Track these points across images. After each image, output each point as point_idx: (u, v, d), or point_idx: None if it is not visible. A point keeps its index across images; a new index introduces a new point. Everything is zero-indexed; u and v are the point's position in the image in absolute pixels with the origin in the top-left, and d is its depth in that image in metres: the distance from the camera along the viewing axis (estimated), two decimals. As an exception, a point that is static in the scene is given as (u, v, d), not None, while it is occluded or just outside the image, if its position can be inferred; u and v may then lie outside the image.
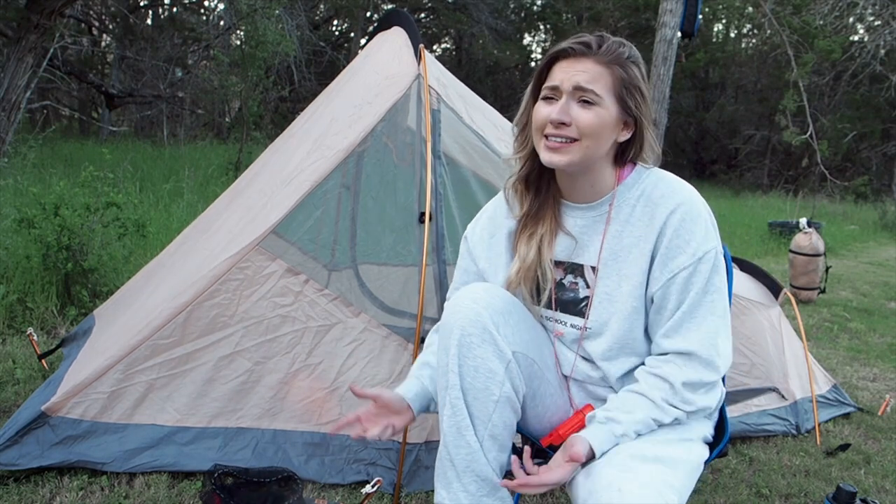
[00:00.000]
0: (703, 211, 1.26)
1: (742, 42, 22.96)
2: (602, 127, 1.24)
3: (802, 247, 5.33)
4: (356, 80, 2.39)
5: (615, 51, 1.24)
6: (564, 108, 1.23)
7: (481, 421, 1.26)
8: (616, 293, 1.30)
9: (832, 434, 2.67)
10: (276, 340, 2.00)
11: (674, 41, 6.47)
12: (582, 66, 1.23)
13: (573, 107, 1.23)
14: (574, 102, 1.23)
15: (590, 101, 1.23)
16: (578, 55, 1.24)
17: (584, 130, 1.23)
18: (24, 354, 2.72)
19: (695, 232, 1.23)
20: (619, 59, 1.24)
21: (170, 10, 15.13)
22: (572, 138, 1.23)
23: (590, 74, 1.23)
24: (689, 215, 1.24)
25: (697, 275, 1.22)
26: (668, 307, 1.25)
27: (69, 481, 1.85)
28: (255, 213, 2.13)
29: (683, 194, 1.26)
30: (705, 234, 1.24)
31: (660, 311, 1.27)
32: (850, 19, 13.71)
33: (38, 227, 3.23)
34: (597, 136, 1.24)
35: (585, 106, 1.23)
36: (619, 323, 1.30)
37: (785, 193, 14.85)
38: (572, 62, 1.24)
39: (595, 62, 1.23)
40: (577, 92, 1.23)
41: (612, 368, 1.33)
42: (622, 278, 1.29)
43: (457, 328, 1.26)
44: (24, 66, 5.68)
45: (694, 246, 1.23)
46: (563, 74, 1.24)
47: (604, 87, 1.23)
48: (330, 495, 1.91)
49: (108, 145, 9.50)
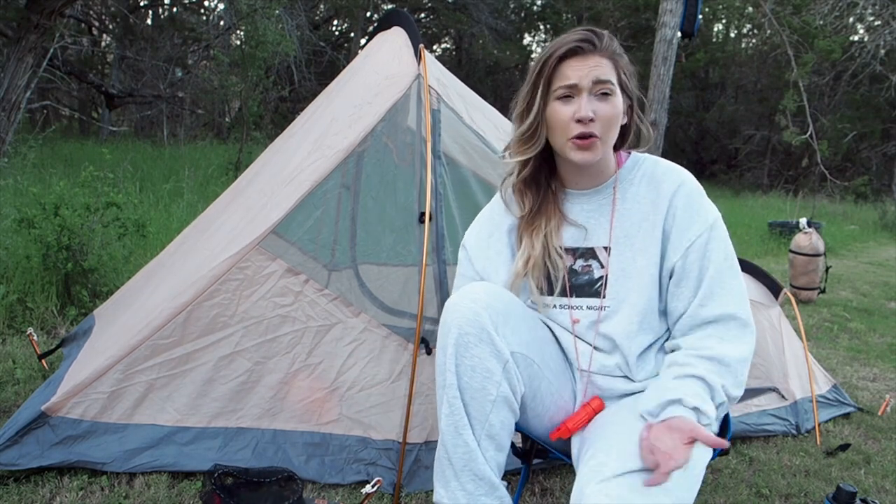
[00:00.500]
0: (700, 187, 1.35)
1: (742, 42, 22.96)
2: (618, 116, 1.31)
3: (802, 247, 5.33)
4: (356, 80, 2.39)
5: (612, 44, 1.31)
6: (589, 104, 1.28)
7: (478, 421, 1.27)
8: (631, 268, 1.34)
9: (832, 434, 2.67)
10: (276, 340, 2.00)
11: (674, 41, 6.47)
12: (594, 62, 1.28)
13: (594, 101, 1.28)
14: (593, 97, 1.28)
15: (607, 93, 1.29)
16: (586, 52, 1.29)
17: (606, 123, 1.29)
18: (24, 354, 2.72)
19: (702, 203, 1.33)
20: (616, 51, 1.31)
21: (170, 10, 15.13)
22: (598, 135, 1.29)
23: (603, 68, 1.28)
24: (694, 190, 1.33)
25: (714, 241, 1.30)
26: (691, 276, 1.30)
27: (69, 481, 1.85)
28: (255, 213, 2.13)
29: (683, 173, 1.36)
30: (709, 205, 1.34)
31: (681, 283, 1.31)
32: (850, 19, 13.70)
33: (38, 227, 3.23)
34: (615, 125, 1.32)
35: (604, 98, 1.29)
36: (638, 296, 1.33)
37: (785, 193, 14.85)
38: (583, 59, 1.28)
39: (602, 56, 1.29)
40: (598, 86, 1.28)
41: (633, 346, 1.34)
42: (636, 253, 1.34)
43: (454, 327, 1.26)
44: (24, 66, 5.68)
45: (704, 215, 1.31)
46: (579, 72, 1.28)
47: (614, 78, 1.30)
48: (330, 495, 1.91)
49: (108, 145, 9.50)
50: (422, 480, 1.96)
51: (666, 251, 1.33)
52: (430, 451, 1.98)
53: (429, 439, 2.00)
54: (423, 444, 1.99)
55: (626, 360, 1.35)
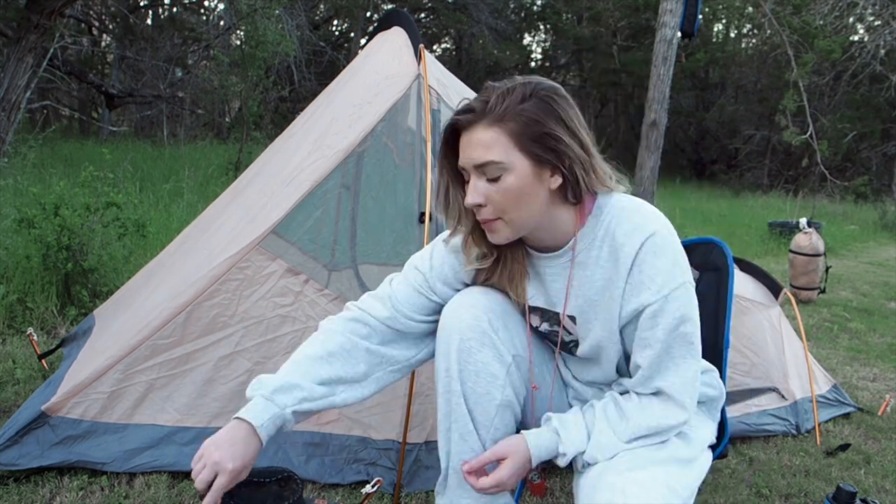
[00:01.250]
0: (670, 242, 1.15)
1: (742, 42, 22.96)
2: (520, 193, 1.13)
3: (802, 247, 5.33)
4: (356, 80, 2.39)
5: (502, 104, 1.10)
6: (475, 190, 1.14)
7: (483, 426, 1.26)
8: (600, 337, 1.24)
9: (832, 434, 2.67)
10: (276, 340, 2.00)
11: (674, 41, 6.46)
12: (475, 138, 1.12)
13: (481, 185, 1.14)
14: (481, 180, 1.14)
15: (495, 174, 1.12)
16: (468, 125, 1.14)
17: (499, 206, 1.14)
18: (24, 354, 2.72)
19: (659, 268, 1.13)
20: (507, 111, 1.10)
21: (170, 10, 15.13)
22: (495, 217, 1.15)
23: (482, 145, 1.11)
24: (654, 250, 1.13)
25: (664, 314, 1.14)
26: (639, 345, 1.19)
27: (69, 481, 1.85)
28: (255, 213, 2.14)
29: (648, 227, 1.15)
30: (672, 268, 1.14)
31: (632, 347, 1.22)
32: (850, 19, 13.71)
33: (38, 227, 3.23)
34: (517, 204, 1.13)
35: (492, 180, 1.13)
36: (607, 360, 1.27)
37: (785, 193, 14.85)
38: (466, 136, 1.14)
39: (485, 126, 1.11)
40: (479, 169, 1.13)
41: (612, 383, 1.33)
42: (603, 322, 1.22)
43: (455, 332, 1.24)
44: (24, 66, 5.68)
45: (660, 282, 1.13)
46: (462, 153, 1.15)
47: (502, 150, 1.11)
48: (330, 495, 1.91)
49: (108, 145, 9.49)
50: (422, 480, 1.96)
51: (620, 316, 1.20)
52: (430, 451, 1.98)
53: (429, 439, 1.99)
54: (423, 444, 1.99)
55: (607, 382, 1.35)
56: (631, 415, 1.19)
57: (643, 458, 1.15)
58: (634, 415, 1.19)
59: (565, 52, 22.15)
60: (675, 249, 1.16)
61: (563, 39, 21.86)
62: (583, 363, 1.33)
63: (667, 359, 1.17)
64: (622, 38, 20.12)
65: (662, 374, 1.18)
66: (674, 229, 1.19)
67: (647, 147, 6.58)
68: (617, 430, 1.18)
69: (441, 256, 1.33)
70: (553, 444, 1.19)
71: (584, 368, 1.34)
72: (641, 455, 1.15)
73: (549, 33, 23.69)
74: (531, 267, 1.28)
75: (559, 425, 1.21)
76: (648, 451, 1.17)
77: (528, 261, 1.28)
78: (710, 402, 1.37)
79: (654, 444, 1.18)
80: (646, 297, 1.14)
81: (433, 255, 1.34)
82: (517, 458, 1.18)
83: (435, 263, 1.33)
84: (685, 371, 1.17)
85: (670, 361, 1.17)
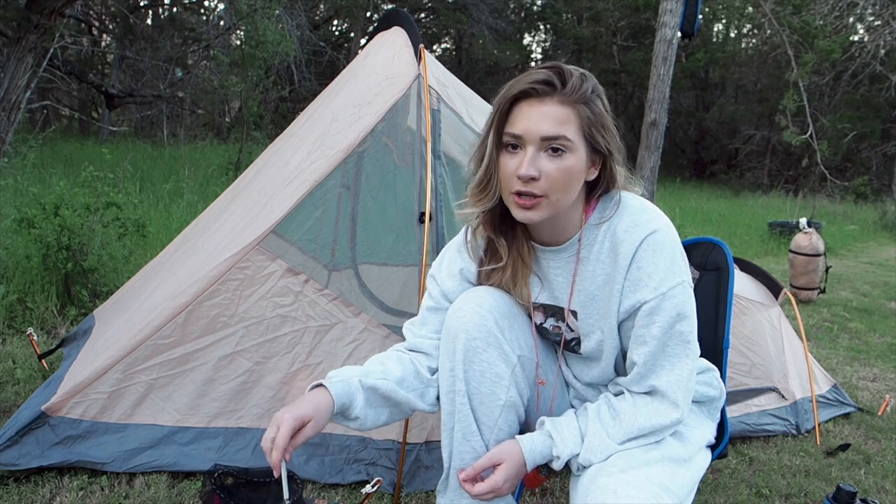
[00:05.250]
0: (670, 241, 1.16)
1: (742, 42, 22.98)
2: (574, 176, 1.14)
3: (802, 247, 5.33)
4: (356, 80, 2.39)
5: (580, 88, 1.12)
6: (533, 161, 1.12)
7: (487, 426, 1.25)
8: (600, 333, 1.25)
9: (832, 434, 2.67)
10: (276, 340, 2.00)
11: (674, 41, 6.46)
12: (548, 110, 1.11)
13: (541, 158, 1.12)
14: (542, 153, 1.12)
15: (560, 149, 1.11)
16: (542, 96, 1.12)
17: (554, 184, 1.12)
18: (24, 354, 2.72)
19: (658, 265, 1.14)
20: (584, 96, 1.12)
21: (170, 10, 15.13)
22: (542, 194, 1.13)
23: (556, 118, 1.11)
24: (653, 248, 1.15)
25: (661, 311, 1.15)
26: (635, 342, 1.19)
27: (69, 481, 1.85)
28: (256, 213, 2.14)
29: (649, 226, 1.16)
30: (670, 266, 1.15)
31: (628, 344, 1.22)
32: (850, 19, 13.71)
33: (38, 227, 3.23)
34: (567, 187, 1.14)
35: (555, 155, 1.12)
36: (608, 357, 1.27)
37: (785, 193, 14.87)
38: (535, 105, 1.12)
39: (560, 103, 1.11)
40: (546, 142, 1.11)
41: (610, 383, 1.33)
42: (603, 318, 1.23)
43: (461, 332, 1.24)
44: (24, 66, 5.68)
45: (657, 280, 1.14)
46: (527, 122, 1.12)
47: (574, 130, 1.12)
48: (330, 495, 1.91)
49: (108, 145, 9.50)
50: (422, 480, 1.96)
51: (618, 312, 1.21)
52: (430, 451, 1.98)
53: (429, 439, 2.00)
54: (423, 444, 1.99)
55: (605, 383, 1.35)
56: (624, 416, 1.19)
57: (636, 458, 1.15)
58: (628, 416, 1.19)
59: (565, 52, 22.13)
60: (674, 248, 1.17)
61: (563, 39, 21.86)
62: (584, 363, 1.34)
63: (662, 356, 1.18)
64: (622, 38, 20.13)
65: (657, 371, 1.18)
66: (675, 229, 1.20)
67: (647, 147, 6.58)
68: (610, 431, 1.19)
69: (451, 256, 1.38)
70: (547, 447, 1.20)
71: (585, 368, 1.34)
72: (635, 456, 1.15)
73: (549, 33, 23.70)
74: (535, 262, 1.29)
75: (552, 429, 1.21)
76: (642, 451, 1.17)
77: (533, 257, 1.29)
78: (709, 401, 1.37)
79: (647, 445, 1.18)
80: (643, 294, 1.16)
81: (444, 258, 1.39)
82: (512, 463, 1.18)
83: (444, 266, 1.38)
84: (680, 369, 1.18)
85: (665, 359, 1.18)
